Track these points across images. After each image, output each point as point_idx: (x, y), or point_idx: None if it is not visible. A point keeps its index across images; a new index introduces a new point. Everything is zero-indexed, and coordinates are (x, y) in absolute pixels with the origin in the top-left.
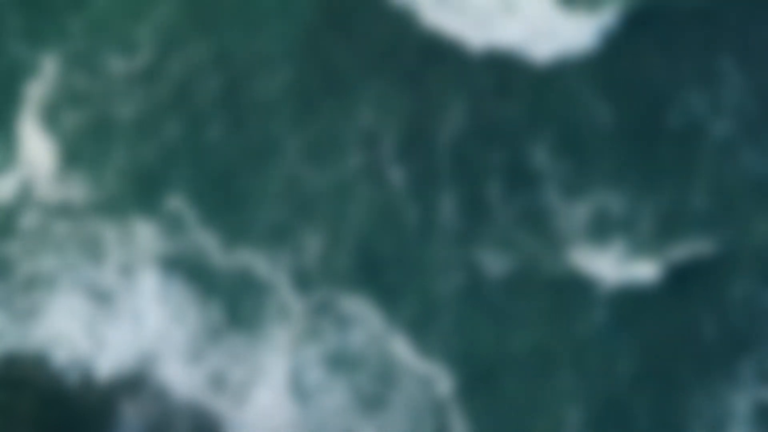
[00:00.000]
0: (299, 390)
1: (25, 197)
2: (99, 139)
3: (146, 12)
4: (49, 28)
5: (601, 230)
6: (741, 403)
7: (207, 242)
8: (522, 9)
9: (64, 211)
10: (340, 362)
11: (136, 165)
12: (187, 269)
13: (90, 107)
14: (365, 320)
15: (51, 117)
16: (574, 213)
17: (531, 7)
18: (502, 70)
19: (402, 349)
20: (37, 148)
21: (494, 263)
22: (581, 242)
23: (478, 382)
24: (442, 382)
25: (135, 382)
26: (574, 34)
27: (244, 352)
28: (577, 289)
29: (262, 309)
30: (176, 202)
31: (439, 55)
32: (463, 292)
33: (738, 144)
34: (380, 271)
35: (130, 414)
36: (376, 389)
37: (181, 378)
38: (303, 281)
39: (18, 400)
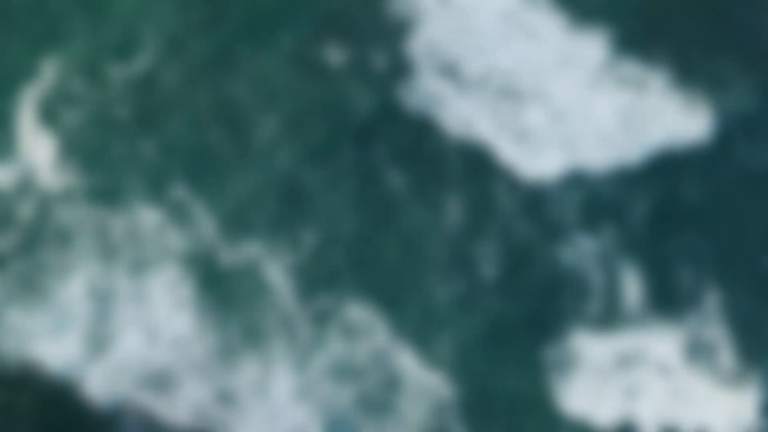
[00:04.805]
0: (305, 397)
1: (24, 189)
2: (98, 131)
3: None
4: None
5: (594, 220)
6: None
7: (210, 239)
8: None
9: (64, 202)
10: (345, 370)
11: (137, 160)
12: (187, 265)
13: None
14: (369, 329)
15: (50, 109)
16: (569, 203)
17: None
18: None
19: (405, 358)
20: (36, 138)
21: (494, 266)
22: (575, 233)
23: (478, 387)
24: (444, 389)
25: (136, 382)
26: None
27: (249, 356)
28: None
29: (266, 315)
30: (178, 195)
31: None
32: (464, 298)
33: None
34: (383, 278)
35: (131, 415)
36: (380, 397)
37: (183, 379)
38: (305, 289)
39: (18, 400)
